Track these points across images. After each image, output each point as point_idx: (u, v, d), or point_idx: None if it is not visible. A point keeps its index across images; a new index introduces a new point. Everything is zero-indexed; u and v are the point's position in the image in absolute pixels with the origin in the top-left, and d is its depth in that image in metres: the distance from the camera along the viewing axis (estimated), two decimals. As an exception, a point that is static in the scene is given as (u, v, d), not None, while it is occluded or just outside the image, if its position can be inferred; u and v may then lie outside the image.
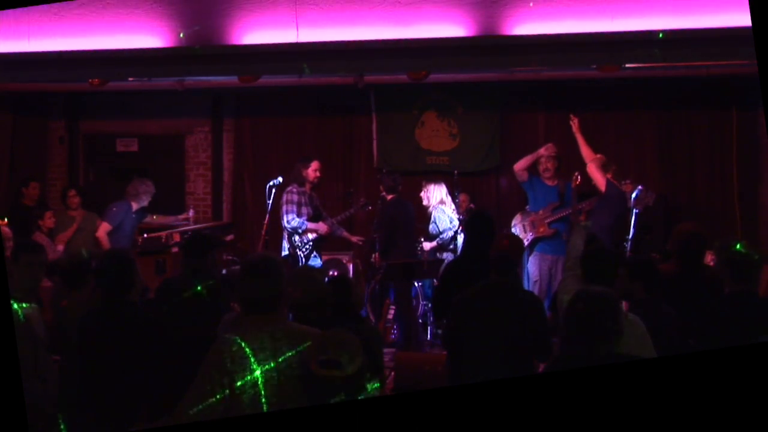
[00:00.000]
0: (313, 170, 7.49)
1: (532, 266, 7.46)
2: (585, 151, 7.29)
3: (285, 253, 7.44)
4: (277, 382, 3.07)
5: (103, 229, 7.55)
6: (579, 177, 7.17)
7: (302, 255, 7.37)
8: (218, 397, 3.05)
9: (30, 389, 3.49)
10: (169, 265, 7.16)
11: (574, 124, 7.46)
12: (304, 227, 7.36)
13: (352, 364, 2.94)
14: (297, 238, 7.38)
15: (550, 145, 7.59)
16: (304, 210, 7.39)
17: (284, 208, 7.36)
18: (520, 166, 7.55)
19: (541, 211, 7.49)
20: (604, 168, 7.15)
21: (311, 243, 7.41)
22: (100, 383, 3.83)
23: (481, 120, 9.11)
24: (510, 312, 4.31)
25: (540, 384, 3.21)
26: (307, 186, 7.48)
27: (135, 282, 4.00)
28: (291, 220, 7.32)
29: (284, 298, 3.30)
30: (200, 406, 3.07)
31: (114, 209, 7.66)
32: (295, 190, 7.42)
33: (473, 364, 4.31)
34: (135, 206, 7.73)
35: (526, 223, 7.54)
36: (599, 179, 7.09)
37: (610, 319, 3.15)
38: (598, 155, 7.33)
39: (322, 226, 7.46)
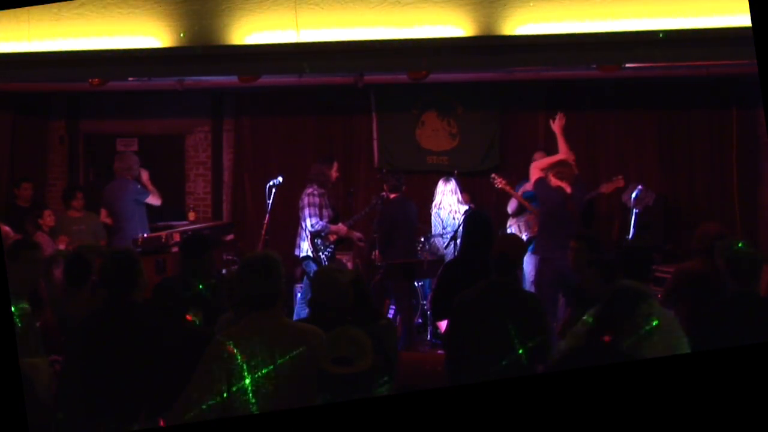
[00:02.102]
0: (336, 170, 7.50)
1: (527, 266, 7.47)
2: (562, 148, 7.18)
3: (304, 254, 7.40)
4: (272, 387, 3.07)
5: (155, 199, 7.88)
6: (497, 179, 7.67)
7: (325, 258, 7.35)
8: (210, 402, 3.07)
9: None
10: (169, 265, 7.15)
11: (557, 122, 7.27)
12: (327, 230, 7.35)
13: (362, 361, 2.95)
14: (319, 240, 7.35)
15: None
16: (324, 212, 7.37)
17: (307, 210, 7.31)
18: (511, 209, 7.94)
19: (535, 210, 7.52)
20: (547, 169, 7.00)
21: (333, 245, 7.40)
22: (102, 383, 3.83)
23: (481, 120, 9.11)
24: (510, 312, 4.31)
25: (540, 384, 3.22)
26: (327, 187, 7.48)
27: (139, 282, 3.99)
28: (315, 223, 7.28)
29: (282, 296, 3.31)
30: (193, 411, 3.08)
31: (138, 188, 7.76)
32: (316, 192, 7.39)
33: (473, 364, 4.31)
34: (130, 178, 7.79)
35: (521, 223, 7.57)
36: (531, 177, 7.09)
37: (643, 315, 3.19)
38: (569, 155, 7.16)
39: (342, 228, 7.46)
